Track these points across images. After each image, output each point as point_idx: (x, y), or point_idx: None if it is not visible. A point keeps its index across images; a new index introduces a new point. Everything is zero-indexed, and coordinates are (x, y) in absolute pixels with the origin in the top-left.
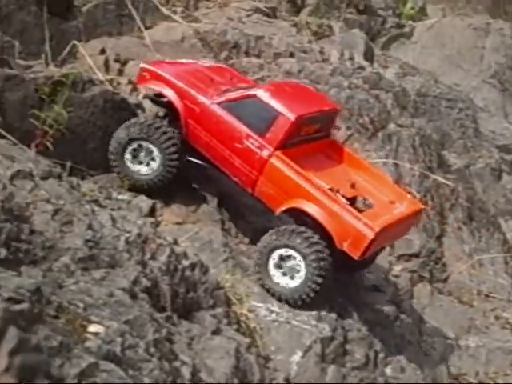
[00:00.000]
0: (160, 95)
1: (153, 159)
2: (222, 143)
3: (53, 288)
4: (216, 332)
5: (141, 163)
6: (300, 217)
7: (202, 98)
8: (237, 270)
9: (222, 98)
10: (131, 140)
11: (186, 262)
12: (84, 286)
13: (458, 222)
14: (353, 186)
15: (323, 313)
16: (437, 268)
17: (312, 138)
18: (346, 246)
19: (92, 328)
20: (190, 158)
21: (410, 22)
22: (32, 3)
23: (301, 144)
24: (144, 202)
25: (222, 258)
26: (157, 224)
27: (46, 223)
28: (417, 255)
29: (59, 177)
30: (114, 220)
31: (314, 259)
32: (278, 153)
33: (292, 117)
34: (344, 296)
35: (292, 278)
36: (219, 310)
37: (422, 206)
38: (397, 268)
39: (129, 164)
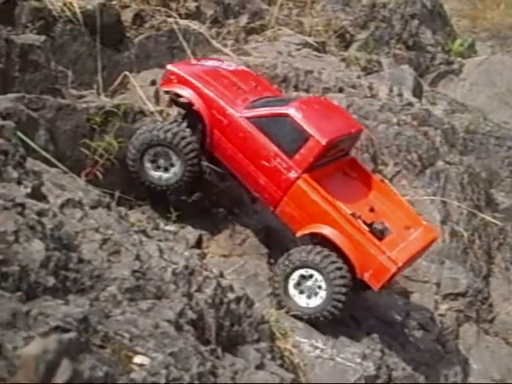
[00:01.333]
0: (180, 96)
1: (172, 165)
2: (248, 159)
3: (99, 318)
4: (260, 367)
5: (159, 168)
6: (320, 242)
7: (230, 110)
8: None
9: (252, 113)
10: (150, 146)
11: (231, 295)
12: (130, 316)
13: (505, 262)
14: (372, 209)
15: (368, 351)
16: (483, 308)
17: (335, 158)
18: (366, 277)
19: (137, 359)
20: (207, 164)
21: (459, 58)
22: (86, 34)
23: (324, 165)
24: (191, 234)
25: (267, 291)
26: (203, 256)
27: (94, 252)
28: (463, 295)
29: (108, 206)
30: (161, 251)
31: (336, 277)
32: (306, 176)
33: (323, 141)
34: (389, 334)
35: (311, 297)
36: (263, 345)
37: (437, 235)
38: (443, 307)
39: (148, 170)
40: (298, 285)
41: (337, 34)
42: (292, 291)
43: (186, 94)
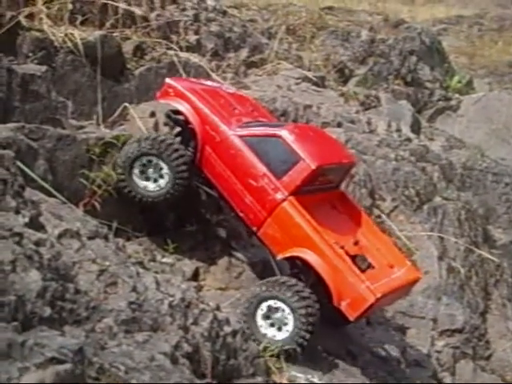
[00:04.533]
0: (178, 113)
1: (161, 176)
2: (236, 177)
3: (95, 349)
4: None
5: (148, 179)
6: (298, 266)
7: (223, 127)
8: None
9: (245, 132)
10: (141, 155)
11: (227, 329)
12: (126, 348)
13: (502, 299)
14: (356, 243)
15: None
16: (480, 345)
17: (323, 188)
18: (343, 306)
19: None
20: (199, 185)
21: (457, 95)
22: (86, 65)
23: (313, 193)
24: (187, 266)
25: None
26: (200, 288)
27: (90, 283)
28: (460, 331)
29: (106, 237)
30: (157, 283)
31: (304, 314)
32: (292, 198)
33: (313, 165)
34: (385, 370)
35: (280, 329)
36: (259, 379)
37: (420, 275)
38: (439, 343)
39: (136, 179)
40: (266, 317)
41: (336, 69)
42: (260, 322)
43: (182, 107)
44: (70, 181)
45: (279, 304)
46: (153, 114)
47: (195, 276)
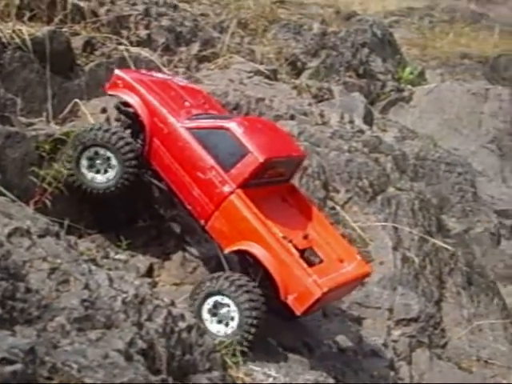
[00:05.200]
0: (128, 105)
1: (110, 166)
2: (184, 169)
3: (47, 348)
4: None
5: (98, 171)
6: (247, 260)
7: (172, 119)
8: None
9: (193, 124)
10: (88, 146)
11: (182, 324)
12: (79, 346)
13: (456, 287)
14: (306, 237)
15: (321, 378)
16: (435, 333)
17: (273, 181)
18: (290, 300)
19: None
20: (151, 179)
21: (409, 86)
22: (35, 61)
23: (262, 186)
24: (141, 262)
25: None
26: (154, 285)
27: (42, 282)
28: (415, 320)
29: (57, 235)
30: (111, 280)
31: (248, 308)
32: (239, 191)
33: (261, 158)
34: (342, 361)
35: (227, 325)
36: (216, 374)
37: (369, 271)
38: (395, 333)
39: (84, 171)
40: (212, 313)
41: (288, 62)
42: (205, 316)
43: (130, 99)
44: (20, 179)
45: (225, 300)
46: (104, 110)
47: (149, 272)
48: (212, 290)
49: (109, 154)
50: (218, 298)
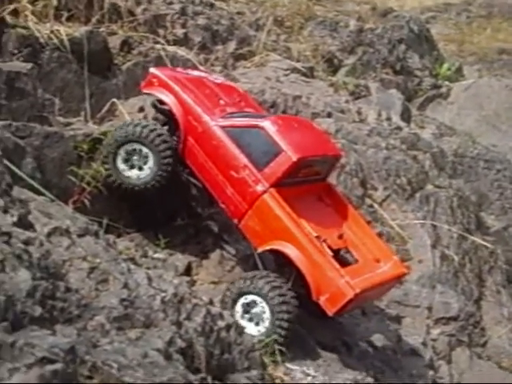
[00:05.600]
0: (164, 103)
1: (146, 163)
2: (218, 168)
3: (87, 347)
4: None
5: (133, 167)
6: (281, 259)
7: (206, 117)
8: None
9: (227, 122)
10: (124, 142)
11: (221, 323)
12: (118, 346)
13: (496, 285)
14: (340, 236)
15: (360, 377)
16: (475, 332)
17: (309, 180)
18: (322, 300)
19: None
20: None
21: (447, 82)
22: (73, 61)
23: (296, 185)
24: (180, 261)
25: None
26: (192, 283)
27: (81, 281)
28: (455, 319)
29: (96, 234)
30: (149, 279)
31: (278, 303)
32: (273, 190)
33: (294, 157)
34: (381, 360)
35: (257, 324)
36: (254, 373)
37: (406, 271)
38: (435, 332)
39: (121, 167)
40: (245, 311)
41: (324, 59)
42: (237, 316)
43: (165, 98)
44: (59, 178)
45: (256, 298)
46: (141, 109)
47: (188, 270)
48: (245, 290)
49: (145, 150)
50: (251, 297)
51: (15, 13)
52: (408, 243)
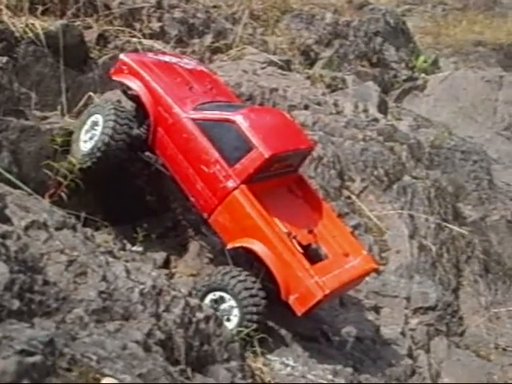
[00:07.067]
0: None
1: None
2: (188, 161)
3: (66, 340)
4: None
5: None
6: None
7: (177, 109)
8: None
9: (199, 115)
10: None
11: (200, 315)
12: (97, 338)
13: (474, 275)
14: (311, 231)
15: (339, 367)
16: (453, 321)
17: (280, 173)
18: (291, 300)
19: (105, 381)
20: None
21: (423, 74)
22: (49, 55)
23: (267, 179)
24: (158, 254)
25: None
26: (171, 276)
27: (59, 274)
28: (433, 308)
29: (73, 228)
30: (128, 271)
31: (245, 297)
32: (244, 187)
33: (266, 154)
34: (360, 350)
35: (228, 320)
36: (234, 364)
37: (375, 266)
38: (413, 321)
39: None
40: (213, 308)
41: (301, 52)
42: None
43: (135, 86)
44: (36, 172)
45: (224, 295)
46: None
47: (166, 263)
48: (213, 286)
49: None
50: (219, 293)
51: None
52: (386, 234)
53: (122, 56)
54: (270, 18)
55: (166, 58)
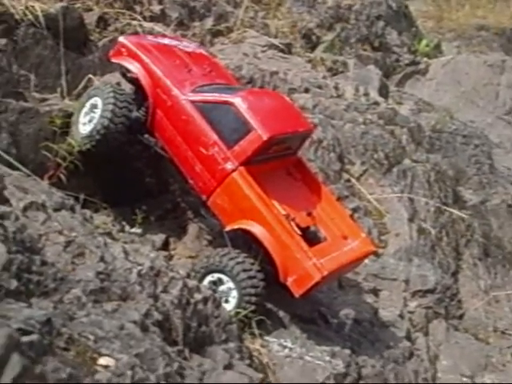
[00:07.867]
0: (129, 70)
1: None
2: (187, 144)
3: (63, 320)
4: (228, 367)
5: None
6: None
7: (176, 91)
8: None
9: (197, 97)
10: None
11: (198, 296)
12: (95, 318)
13: (473, 258)
14: (309, 214)
15: (337, 348)
16: (452, 304)
17: (279, 156)
18: (289, 281)
19: (102, 361)
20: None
21: (425, 59)
22: (48, 37)
23: (266, 161)
24: (157, 236)
25: None
26: (170, 258)
27: (57, 255)
28: (432, 291)
29: (72, 209)
30: (126, 253)
31: (243, 279)
32: (242, 169)
33: (265, 136)
34: (358, 332)
35: (226, 301)
36: (231, 345)
37: (374, 248)
38: (412, 304)
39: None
40: (212, 290)
41: (302, 36)
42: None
43: (134, 68)
44: (35, 154)
45: (222, 276)
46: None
47: (165, 245)
48: (211, 267)
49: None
50: (217, 275)
51: None
52: (385, 217)
53: (121, 38)
54: (272, 1)
55: (165, 41)
